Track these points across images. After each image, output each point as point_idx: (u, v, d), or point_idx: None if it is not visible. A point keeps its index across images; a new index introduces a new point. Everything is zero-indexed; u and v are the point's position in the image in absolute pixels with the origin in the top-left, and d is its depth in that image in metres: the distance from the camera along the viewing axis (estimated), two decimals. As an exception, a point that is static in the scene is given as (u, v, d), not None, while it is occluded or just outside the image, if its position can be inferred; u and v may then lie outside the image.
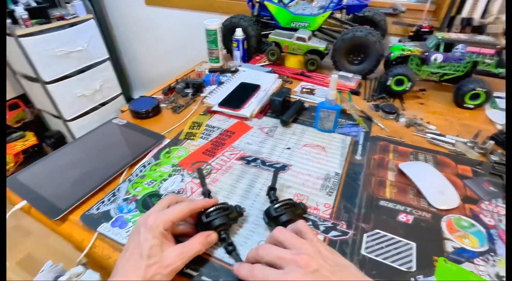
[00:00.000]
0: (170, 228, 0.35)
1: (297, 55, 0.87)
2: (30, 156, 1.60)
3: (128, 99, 1.93)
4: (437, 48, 0.69)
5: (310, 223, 0.41)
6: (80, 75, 1.49)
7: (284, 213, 0.38)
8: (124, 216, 0.42)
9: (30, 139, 1.57)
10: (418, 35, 0.87)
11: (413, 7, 1.00)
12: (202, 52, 1.48)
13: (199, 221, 0.37)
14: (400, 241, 0.38)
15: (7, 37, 1.28)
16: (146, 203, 0.44)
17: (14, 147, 1.50)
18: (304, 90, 0.77)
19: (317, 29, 0.87)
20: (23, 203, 0.44)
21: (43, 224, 0.44)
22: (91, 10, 1.49)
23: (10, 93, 1.66)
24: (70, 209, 0.43)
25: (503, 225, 0.40)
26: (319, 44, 0.83)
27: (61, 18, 1.38)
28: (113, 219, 0.42)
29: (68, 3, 1.42)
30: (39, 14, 1.33)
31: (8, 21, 1.21)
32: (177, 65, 1.67)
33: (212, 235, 0.37)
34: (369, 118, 0.64)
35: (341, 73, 0.81)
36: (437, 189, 0.45)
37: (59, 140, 1.68)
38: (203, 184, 0.43)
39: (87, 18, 1.45)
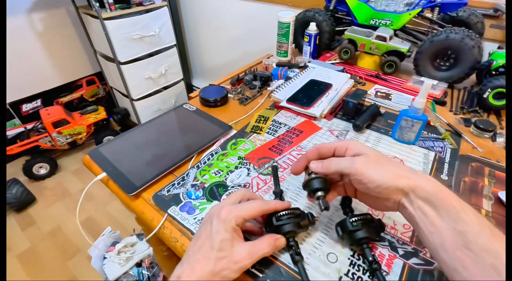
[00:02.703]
0: (241, 224, 0.34)
1: (373, 55, 0.80)
2: (100, 128, 1.77)
3: (188, 85, 2.01)
4: (556, 60, 0.57)
5: (386, 243, 0.37)
6: (149, 58, 1.59)
7: (361, 229, 0.34)
8: (192, 202, 0.43)
9: (101, 113, 1.74)
10: (527, 42, 0.74)
11: (521, 8, 0.85)
12: (263, 46, 1.47)
13: (269, 223, 0.36)
14: (500, 285, 0.32)
15: (93, 19, 1.42)
16: (212, 192, 0.44)
17: (88, 119, 1.67)
18: (379, 94, 0.71)
19: (400, 28, 0.79)
20: (103, 175, 0.48)
21: (118, 197, 0.47)
22: (166, -3, 1.56)
23: (89, 70, 1.85)
24: (144, 187, 0.45)
25: None
26: (401, 45, 0.75)
27: (140, 4, 1.48)
28: (181, 204, 0.43)
29: (147, -10, 1.51)
30: (122, -1, 1.43)
31: (96, 4, 1.32)
32: (236, 57, 1.69)
33: (281, 240, 0.35)
34: (458, 133, 0.56)
35: (423, 79, 0.73)
36: (551, 230, 0.37)
37: (124, 117, 1.83)
38: (276, 183, 0.42)
39: (162, 5, 1.53)
